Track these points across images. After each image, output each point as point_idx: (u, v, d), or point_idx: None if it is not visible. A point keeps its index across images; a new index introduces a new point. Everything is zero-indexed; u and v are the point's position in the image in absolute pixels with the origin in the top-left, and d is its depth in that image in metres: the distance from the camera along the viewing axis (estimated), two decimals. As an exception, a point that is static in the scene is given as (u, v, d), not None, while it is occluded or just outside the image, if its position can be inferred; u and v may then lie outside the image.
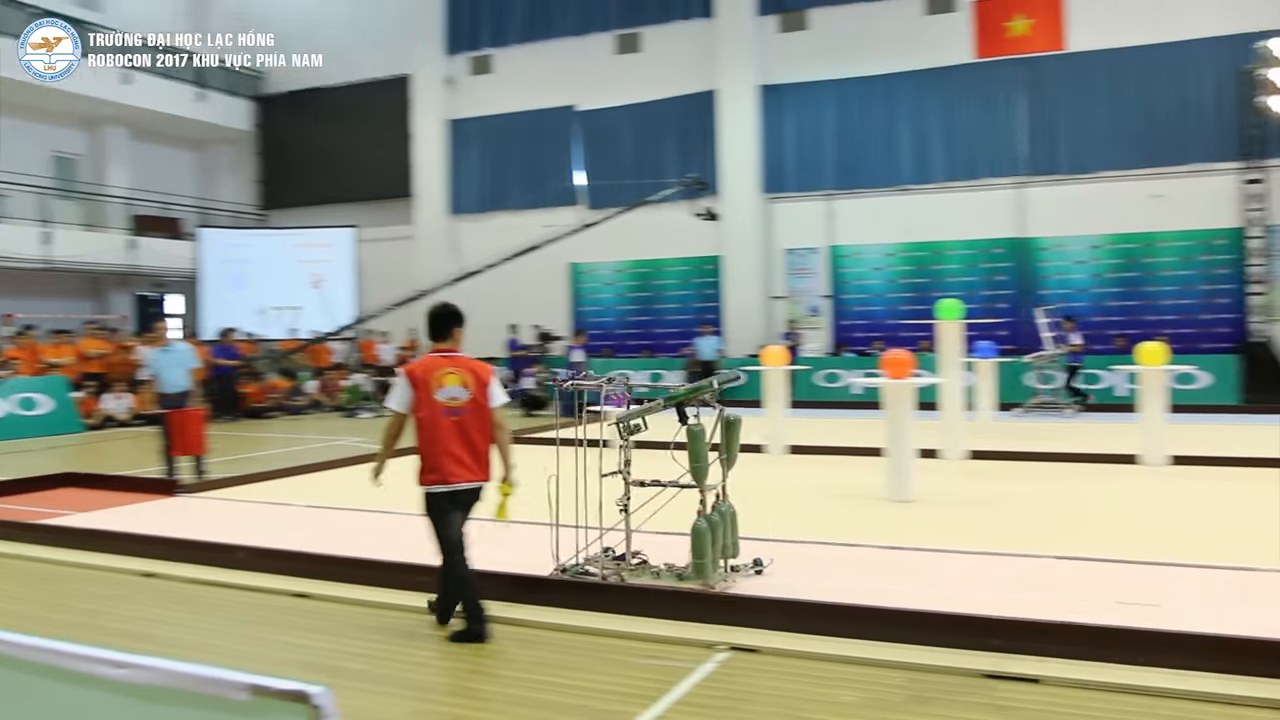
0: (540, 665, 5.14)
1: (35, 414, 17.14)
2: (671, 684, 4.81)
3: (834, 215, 22.47)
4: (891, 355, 9.82)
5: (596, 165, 24.52)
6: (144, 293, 26.19)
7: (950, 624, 5.24)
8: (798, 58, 22.53)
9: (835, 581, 6.39)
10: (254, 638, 5.77)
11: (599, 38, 24.43)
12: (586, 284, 24.89)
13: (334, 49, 26.87)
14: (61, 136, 25.09)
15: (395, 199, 26.64)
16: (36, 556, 7.75)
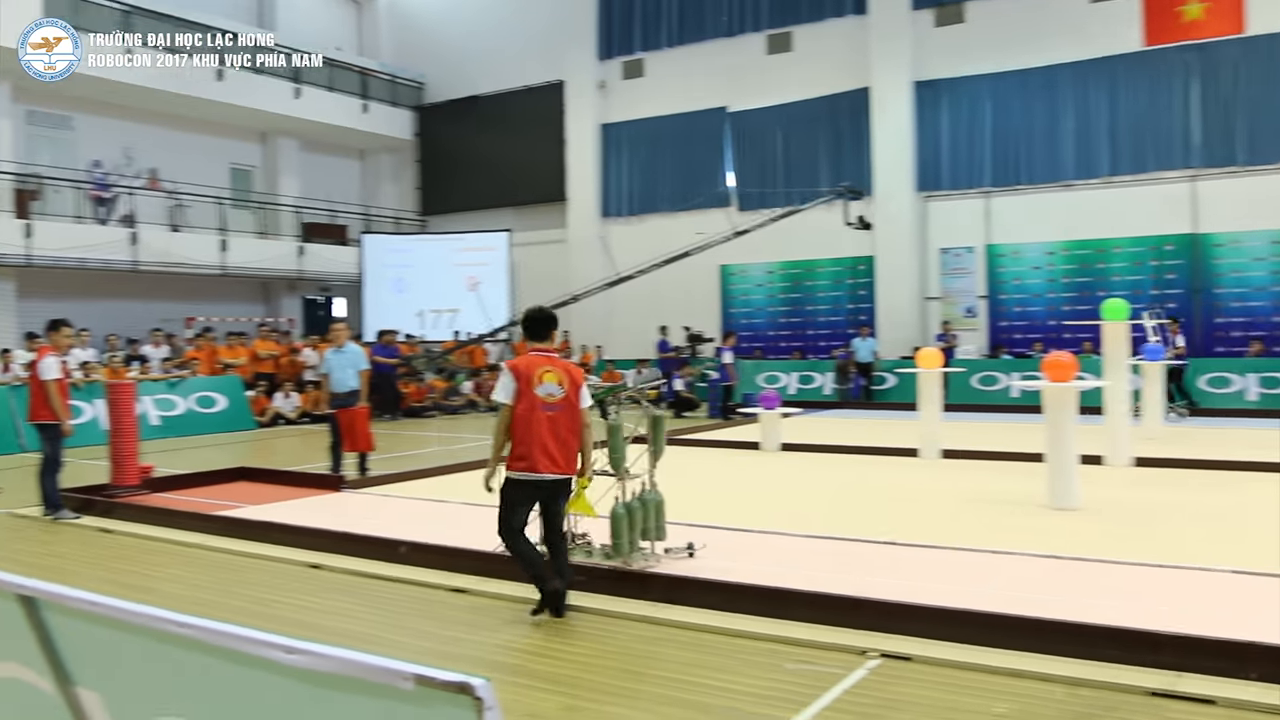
0: (690, 666, 5.15)
1: (212, 411, 18.10)
2: (822, 690, 4.75)
3: (991, 213, 21.83)
4: (1054, 357, 9.44)
5: (748, 166, 24.44)
6: (311, 296, 27.40)
7: (1116, 638, 4.99)
8: (954, 52, 21.98)
9: (991, 590, 6.19)
10: (415, 629, 5.95)
11: (750, 38, 24.35)
12: (737, 285, 24.82)
13: (490, 58, 27.63)
14: (238, 149, 26.48)
15: (549, 203, 27.14)
16: (214, 546, 8.19)
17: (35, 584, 2.57)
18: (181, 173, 23.88)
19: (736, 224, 22.40)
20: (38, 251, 19.71)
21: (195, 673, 2.29)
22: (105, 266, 20.92)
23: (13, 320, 19.86)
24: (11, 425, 15.50)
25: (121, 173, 23.22)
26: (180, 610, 2.30)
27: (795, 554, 7.37)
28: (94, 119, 23.08)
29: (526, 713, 4.53)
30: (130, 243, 21.26)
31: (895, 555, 7.28)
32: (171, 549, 8.25)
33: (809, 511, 9.16)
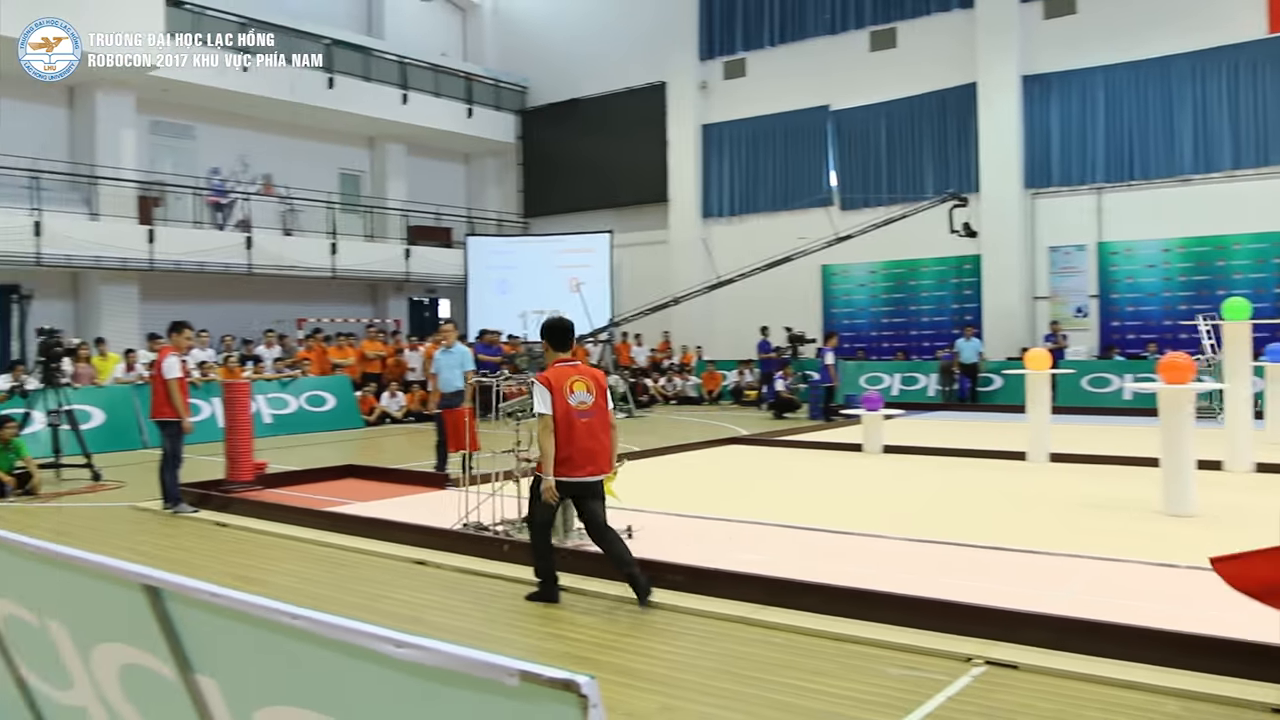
0: (787, 668, 5.12)
1: (322, 410, 18.60)
2: (924, 697, 4.67)
3: (1103, 210, 21.21)
4: (1170, 359, 9.13)
5: (850, 165, 24.20)
6: (417, 298, 27.96)
7: (1234, 650, 4.81)
8: (1064, 44, 21.41)
9: (1102, 599, 6.01)
10: (516, 626, 6.04)
11: (854, 35, 24.10)
12: (839, 285, 24.57)
13: (592, 61, 27.87)
14: (347, 155, 27.18)
15: (650, 204, 27.24)
16: (324, 541, 8.42)
17: (159, 574, 2.68)
18: (294, 178, 24.62)
19: (838, 224, 22.19)
20: (159, 256, 20.51)
21: (307, 664, 2.36)
22: (222, 270, 21.68)
23: (136, 322, 20.72)
24: (135, 422, 16.17)
25: (238, 179, 24.05)
26: (292, 603, 2.38)
27: (897, 557, 7.27)
28: (213, 128, 23.95)
29: (624, 711, 4.55)
30: (246, 247, 21.99)
31: (1001, 560, 7.13)
32: (284, 543, 8.51)
33: (911, 515, 9.02)
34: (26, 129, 20.56)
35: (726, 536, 8.14)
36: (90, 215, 20.28)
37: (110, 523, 9.70)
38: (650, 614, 6.10)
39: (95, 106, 21.03)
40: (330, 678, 2.33)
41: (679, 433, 17.10)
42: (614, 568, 6.38)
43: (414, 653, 2.05)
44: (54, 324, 18.65)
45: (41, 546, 3.14)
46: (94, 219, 20.20)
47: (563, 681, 1.82)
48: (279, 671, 2.49)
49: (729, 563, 6.86)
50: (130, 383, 16.67)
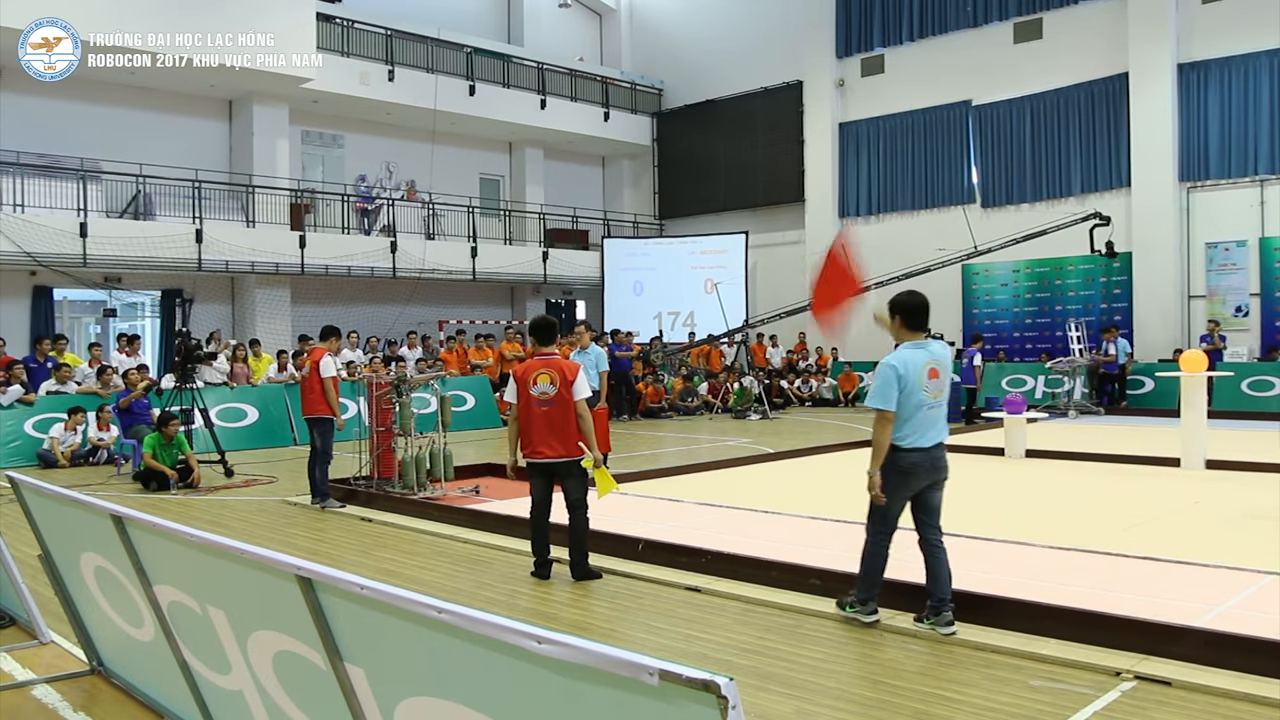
0: (928, 676, 5.01)
1: (463, 410, 19.00)
2: (1070, 711, 4.51)
3: (1266, 203, 20.09)
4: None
5: (993, 161, 23.54)
6: (555, 300, 28.38)
7: None
8: (1223, 28, 20.36)
9: (1261, 614, 5.70)
10: (650, 626, 6.05)
11: (997, 28, 23.46)
12: (981, 285, 23.94)
13: (727, 61, 27.84)
14: (487, 160, 27.79)
15: (786, 204, 27.05)
16: (464, 538, 8.61)
17: (311, 566, 2.78)
18: (436, 184, 25.31)
19: (979, 222, 21.61)
20: (310, 260, 21.36)
21: (451, 657, 2.42)
22: (368, 274, 22.42)
23: (288, 324, 21.61)
24: (287, 420, 16.86)
25: (383, 185, 24.84)
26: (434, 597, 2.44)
27: (1040, 565, 7.04)
28: (360, 137, 24.83)
29: (758, 714, 4.53)
30: (390, 251, 22.70)
31: (1151, 571, 6.83)
32: (425, 539, 8.74)
33: (1056, 521, 8.72)
34: (190, 142, 21.72)
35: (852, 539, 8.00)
36: (246, 223, 21.26)
37: (263, 516, 10.13)
38: (786, 617, 6.06)
39: (252, 119, 22.05)
40: (473, 671, 2.38)
41: (812, 435, 16.92)
42: (533, 543, 7.20)
43: (555, 649, 2.08)
44: (212, 326, 19.74)
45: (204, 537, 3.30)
46: (249, 226, 21.16)
47: (702, 682, 1.82)
48: (423, 663, 2.56)
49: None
50: (282, 382, 17.37)
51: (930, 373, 5.58)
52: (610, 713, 2.05)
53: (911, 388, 5.51)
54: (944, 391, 5.68)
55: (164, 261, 19.38)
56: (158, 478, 11.69)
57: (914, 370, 5.53)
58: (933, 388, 5.59)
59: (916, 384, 5.52)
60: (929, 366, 5.58)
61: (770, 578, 6.68)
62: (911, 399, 5.51)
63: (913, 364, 5.55)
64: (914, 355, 5.59)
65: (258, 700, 3.34)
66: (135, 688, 4.76)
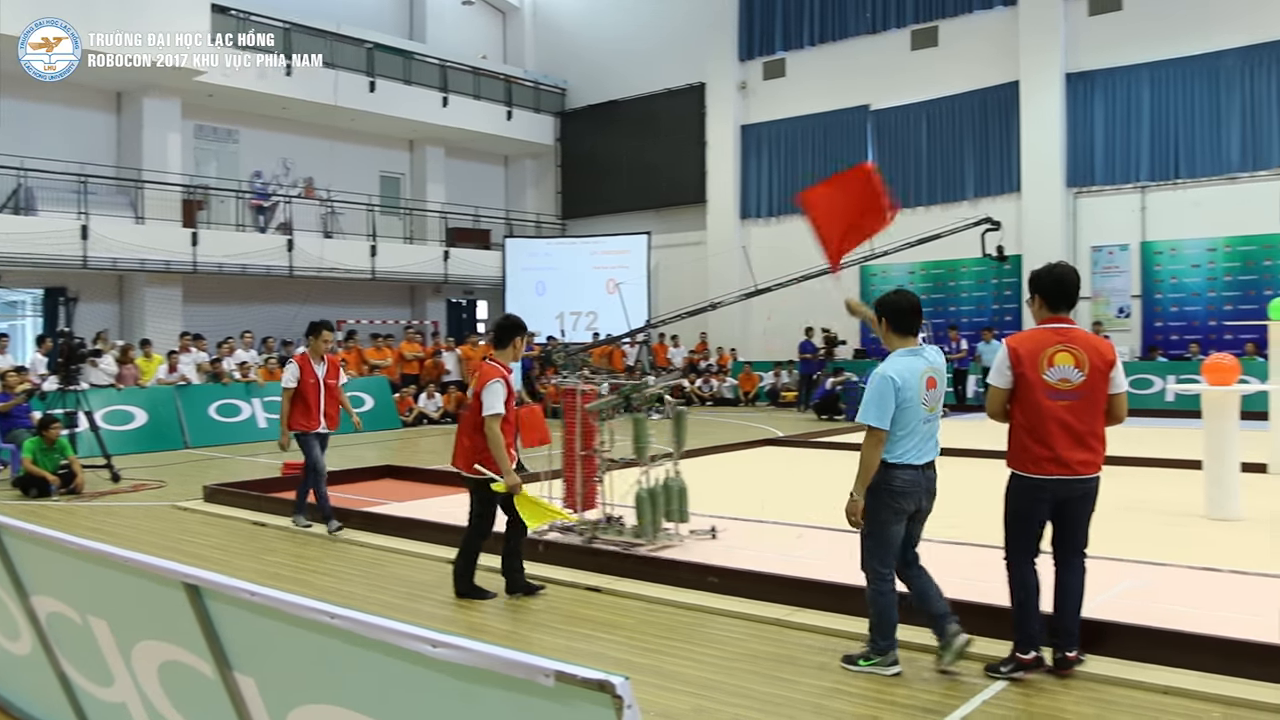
0: (823, 670, 5.09)
1: (360, 411, 18.61)
2: (961, 700, 4.64)
3: (1147, 209, 20.91)
4: (1214, 360, 8.99)
5: (890, 165, 24.01)
6: (455, 300, 28.11)
7: (1273, 656, 4.74)
8: (1109, 41, 21.13)
9: (1145, 604, 5.92)
10: (550, 626, 6.04)
11: (895, 34, 23.96)
12: (879, 286, 24.37)
13: (631, 62, 27.92)
14: (387, 157, 27.40)
15: (688, 205, 27.21)
16: (361, 541, 8.47)
17: (199, 573, 2.70)
18: (335, 181, 24.85)
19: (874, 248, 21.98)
20: (203, 258, 20.78)
21: (344, 662, 2.38)
22: (264, 272, 21.91)
23: (179, 323, 20.98)
24: (177, 422, 16.38)
25: (280, 182, 24.31)
26: (329, 602, 2.39)
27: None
28: (256, 132, 24.23)
29: (657, 712, 4.55)
30: (287, 249, 22.21)
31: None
32: (321, 542, 8.57)
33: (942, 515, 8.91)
34: (75, 135, 20.94)
35: (758, 537, 8.11)
36: (136, 219, 20.59)
37: (152, 522, 9.82)
38: (686, 615, 6.09)
39: (142, 112, 21.35)
40: (367, 677, 2.34)
41: (713, 434, 17.05)
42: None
43: (450, 652, 2.05)
44: (100, 326, 19.07)
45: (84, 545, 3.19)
46: (139, 223, 20.50)
47: (597, 682, 1.82)
48: (316, 670, 2.51)
49: (762, 564, 6.83)
50: (172, 384, 16.88)
51: (929, 382, 4.98)
52: (506, 715, 2.04)
53: (909, 401, 4.89)
54: (940, 403, 5.11)
55: (47, 258, 18.62)
56: (38, 484, 11.25)
57: (912, 381, 4.91)
58: (931, 399, 4.99)
59: (915, 397, 4.90)
60: (927, 376, 4.98)
61: (670, 576, 6.72)
62: (908, 413, 4.90)
63: (910, 374, 4.92)
64: (910, 364, 4.96)
65: (142, 713, 3.23)
66: (11, 704, 4.57)
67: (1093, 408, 4.93)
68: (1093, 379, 4.92)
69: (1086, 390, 4.90)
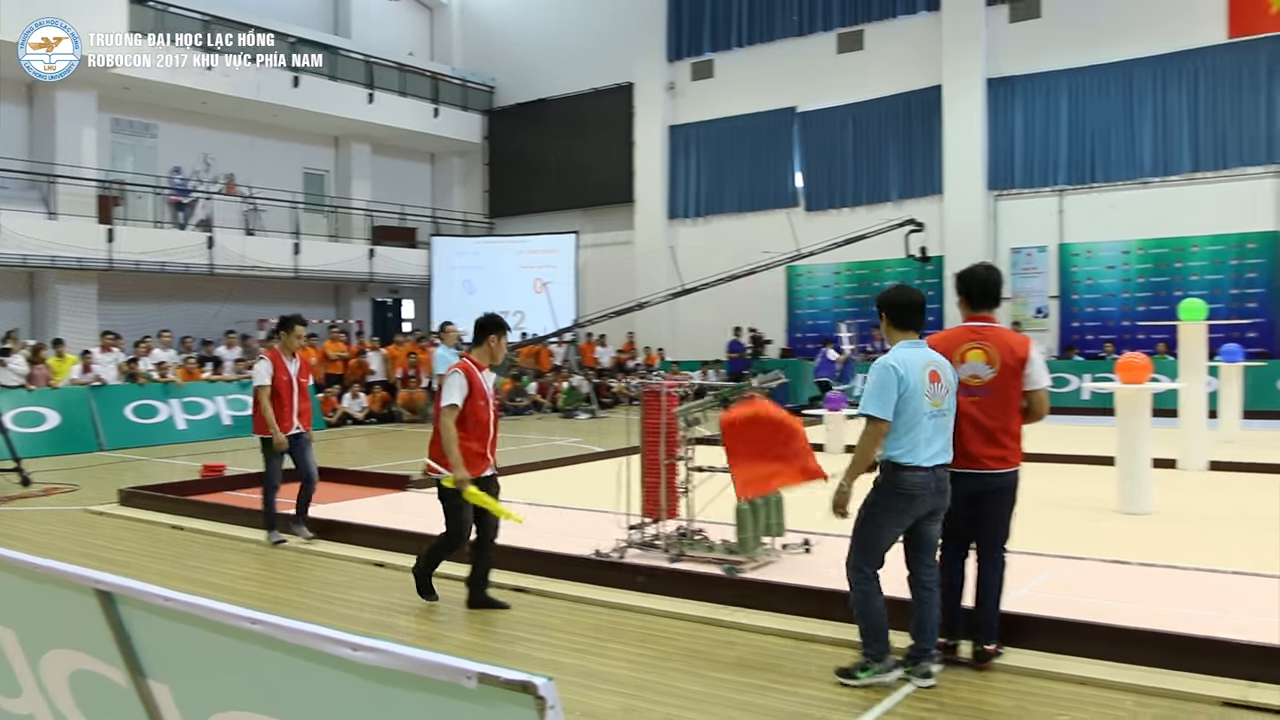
0: (750, 668, 5.13)
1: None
2: (885, 694, 4.71)
3: (1065, 212, 21.45)
4: (1127, 359, 9.25)
5: (816, 166, 24.32)
6: (381, 299, 27.79)
7: (1188, 646, 4.90)
8: (1028, 48, 21.63)
9: (1060, 596, 6.07)
10: (476, 629, 6.00)
11: (821, 37, 24.24)
12: (804, 286, 24.70)
13: (559, 61, 27.85)
14: (311, 154, 26.99)
15: (616, 205, 27.23)
16: (285, 544, 8.33)
17: (111, 579, 2.63)
18: (257, 177, 24.40)
19: (803, 226, 22.28)
20: (119, 255, 20.26)
21: (262, 668, 2.33)
22: (183, 270, 21.44)
23: (94, 322, 20.44)
24: (91, 424, 15.94)
25: (200, 178, 23.80)
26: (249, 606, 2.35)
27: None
28: (175, 126, 23.70)
29: (584, 712, 4.55)
30: (207, 247, 21.77)
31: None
32: (242, 546, 8.41)
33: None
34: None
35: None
36: (48, 214, 20.00)
37: (64, 527, 9.55)
38: (612, 614, 6.09)
39: (55, 104, 20.75)
40: (286, 682, 2.30)
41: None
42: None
43: (371, 655, 2.02)
44: (9, 324, 18.49)
45: (-10, 550, 3.08)
46: (52, 218, 19.92)
47: (520, 683, 1.81)
48: (233, 676, 2.46)
49: (690, 563, 6.87)
50: (86, 384, 16.43)
51: (931, 376, 4.77)
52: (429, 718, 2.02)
53: (912, 392, 4.69)
54: (947, 400, 4.82)
55: (-48, 255, 18.05)
56: (-55, 487, 10.88)
57: (914, 372, 4.73)
58: (934, 393, 4.76)
59: (918, 388, 4.70)
60: (929, 369, 4.78)
61: (597, 576, 6.72)
62: (912, 405, 4.69)
63: (912, 365, 4.74)
64: (912, 355, 4.79)
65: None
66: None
67: (1004, 404, 4.98)
68: (1004, 376, 4.98)
69: (997, 386, 4.97)
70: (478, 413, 6.27)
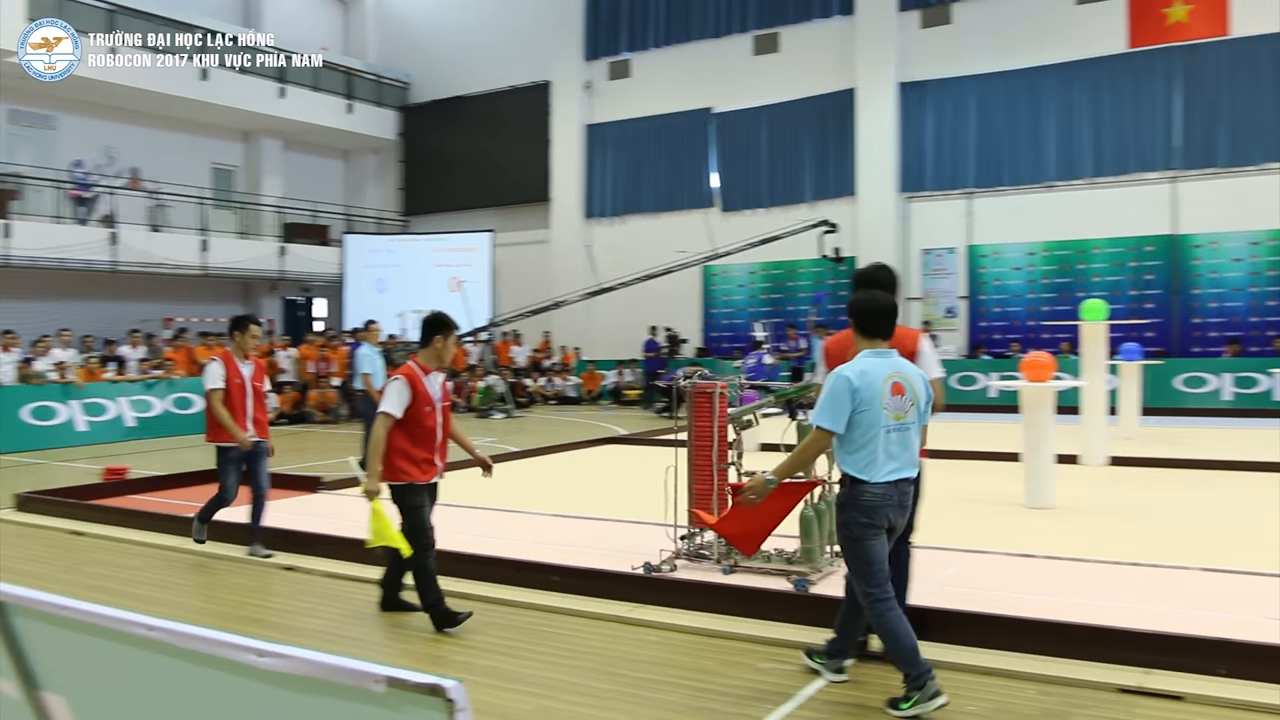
0: (663, 665, 5.15)
1: (189, 413, 17.96)
2: (796, 689, 4.77)
3: (974, 214, 21.93)
4: (1032, 358, 9.51)
5: (732, 167, 24.50)
6: (292, 297, 27.29)
7: (1087, 636, 5.06)
8: (940, 53, 22.06)
9: (966, 590, 6.21)
10: (387, 631, 5.93)
11: (737, 39, 24.41)
12: (720, 286, 24.87)
13: (476, 58, 27.62)
14: (220, 149, 26.37)
15: (532, 204, 27.11)
16: (188, 548, 8.10)
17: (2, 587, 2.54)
18: (163, 172, 23.76)
19: (719, 226, 22.50)
20: (16, 251, 19.57)
21: (164, 676, 2.27)
22: (84, 267, 20.79)
23: (-10, 320, 19.72)
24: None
25: (102, 172, 23.09)
26: (153, 613, 2.28)
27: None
28: (77, 118, 22.94)
29: (497, 713, 4.52)
30: (110, 243, 21.14)
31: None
32: (145, 551, 8.19)
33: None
34: None
35: (600, 535, 8.14)
36: (-61, 208, 19.25)
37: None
38: (522, 614, 6.06)
39: (-54, 93, 19.98)
40: (189, 690, 2.25)
41: (556, 433, 17.06)
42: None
43: (277, 661, 1.99)
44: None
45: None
46: (-57, 212, 19.17)
47: (429, 686, 1.79)
48: (134, 685, 2.39)
49: (603, 562, 6.86)
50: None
51: (894, 387, 4.57)
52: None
53: (867, 404, 4.51)
54: (911, 413, 4.62)
55: None
56: None
57: (873, 384, 4.53)
58: (895, 406, 4.56)
59: (875, 401, 4.51)
60: (892, 380, 4.58)
61: (511, 576, 6.67)
62: (867, 417, 4.52)
63: (872, 376, 4.55)
64: (873, 365, 4.60)
65: (-61, 738, 3.02)
66: None
67: None
68: None
69: None
70: (424, 419, 5.93)
